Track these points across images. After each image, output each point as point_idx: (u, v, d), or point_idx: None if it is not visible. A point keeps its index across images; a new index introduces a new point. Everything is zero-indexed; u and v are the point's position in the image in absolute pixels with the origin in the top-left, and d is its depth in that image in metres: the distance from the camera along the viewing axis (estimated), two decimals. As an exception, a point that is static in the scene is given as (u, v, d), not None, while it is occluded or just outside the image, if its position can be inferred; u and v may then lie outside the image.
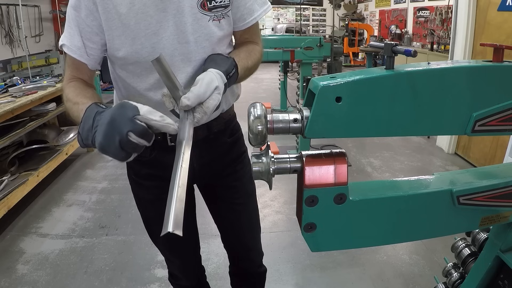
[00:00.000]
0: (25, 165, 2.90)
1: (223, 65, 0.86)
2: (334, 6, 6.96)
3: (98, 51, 0.92)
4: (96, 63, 0.95)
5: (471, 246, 1.03)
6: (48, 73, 3.86)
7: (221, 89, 0.81)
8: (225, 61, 0.88)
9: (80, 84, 0.93)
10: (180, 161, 0.66)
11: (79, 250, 2.27)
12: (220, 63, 0.87)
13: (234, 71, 0.89)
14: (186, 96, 0.75)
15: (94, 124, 0.70)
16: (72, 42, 0.90)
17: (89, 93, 0.89)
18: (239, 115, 1.17)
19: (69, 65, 0.95)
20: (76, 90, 0.89)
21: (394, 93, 0.60)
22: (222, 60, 0.89)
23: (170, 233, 0.57)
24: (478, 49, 3.40)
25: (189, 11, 0.89)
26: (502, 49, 0.65)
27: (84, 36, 0.89)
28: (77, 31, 0.89)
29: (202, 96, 0.76)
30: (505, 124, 0.66)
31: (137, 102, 1.00)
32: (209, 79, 0.79)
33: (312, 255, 2.16)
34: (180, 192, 0.62)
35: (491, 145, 3.22)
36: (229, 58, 0.90)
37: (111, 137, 0.65)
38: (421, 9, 7.40)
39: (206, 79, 0.78)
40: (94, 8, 0.86)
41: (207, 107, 0.77)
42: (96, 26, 0.88)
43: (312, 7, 11.85)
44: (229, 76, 0.86)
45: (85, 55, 0.91)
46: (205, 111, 0.77)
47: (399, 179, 0.75)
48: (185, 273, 1.30)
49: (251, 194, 1.24)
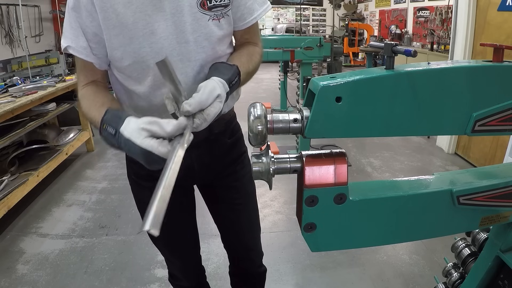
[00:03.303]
0: (25, 165, 2.90)
1: (227, 74, 0.86)
2: (334, 6, 6.96)
3: (102, 50, 0.92)
4: (103, 62, 0.94)
5: (471, 246, 1.03)
6: (48, 73, 3.86)
7: (223, 97, 0.81)
8: (229, 70, 0.88)
9: (91, 90, 0.93)
10: (170, 163, 0.66)
11: (79, 250, 2.27)
12: (223, 71, 0.87)
13: (237, 79, 0.89)
14: (187, 102, 0.75)
15: (124, 150, 0.77)
16: (78, 43, 0.89)
17: (100, 100, 0.89)
18: (239, 115, 1.17)
19: (80, 68, 0.95)
20: (89, 101, 0.90)
21: (394, 93, 0.60)
22: (225, 68, 0.89)
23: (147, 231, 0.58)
24: (478, 49, 3.40)
25: (189, 11, 0.88)
26: (502, 49, 0.65)
27: (86, 37, 0.89)
28: (80, 32, 0.88)
29: (204, 103, 0.77)
30: (505, 124, 0.66)
31: (136, 106, 1.00)
32: (212, 87, 0.79)
33: (312, 255, 2.16)
34: (165, 193, 0.62)
35: (491, 145, 3.22)
36: (233, 66, 0.90)
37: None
38: (421, 9, 7.41)
39: (208, 87, 0.79)
40: (93, 9, 0.86)
41: (207, 114, 0.78)
42: (95, 26, 0.88)
43: (312, 7, 11.85)
44: (232, 84, 0.86)
45: (91, 55, 0.91)
46: (205, 118, 0.78)
47: (399, 179, 0.75)
48: (185, 273, 1.30)
49: (251, 195, 1.24)
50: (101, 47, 0.91)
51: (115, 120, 0.77)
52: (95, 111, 0.85)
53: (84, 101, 0.91)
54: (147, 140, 0.71)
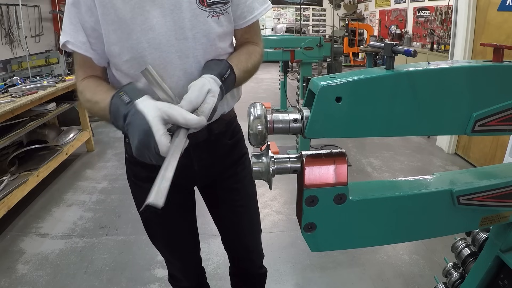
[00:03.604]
0: (25, 165, 2.90)
1: (216, 68, 0.87)
2: (334, 6, 6.96)
3: (101, 46, 0.91)
4: (102, 58, 0.94)
5: (471, 246, 1.03)
6: (48, 73, 3.86)
7: (216, 91, 0.81)
8: (218, 64, 0.89)
9: (93, 81, 0.93)
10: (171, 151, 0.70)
11: (79, 250, 2.28)
12: (212, 67, 0.88)
13: (229, 72, 0.89)
14: (179, 104, 0.76)
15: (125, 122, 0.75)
16: (77, 38, 0.89)
17: (104, 87, 0.90)
18: (239, 115, 1.17)
19: (79, 64, 0.95)
20: (92, 88, 0.90)
21: (394, 93, 0.60)
22: (215, 64, 0.90)
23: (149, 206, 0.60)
24: (478, 49, 3.40)
25: (188, 7, 0.88)
26: (502, 49, 0.65)
27: (86, 32, 0.89)
28: (80, 27, 0.88)
29: (195, 101, 0.77)
30: (505, 124, 0.66)
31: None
32: (201, 83, 0.80)
33: (312, 255, 2.16)
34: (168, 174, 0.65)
35: (491, 145, 3.22)
36: (222, 61, 0.91)
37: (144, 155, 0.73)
38: (421, 9, 7.40)
39: (197, 84, 0.80)
40: (92, 4, 0.86)
41: (202, 111, 0.78)
42: (95, 22, 0.88)
43: (312, 7, 11.85)
44: (224, 78, 0.86)
45: (90, 50, 0.91)
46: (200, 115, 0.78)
47: (399, 179, 0.75)
48: (185, 274, 1.30)
49: (252, 196, 1.23)
50: (100, 42, 0.91)
51: (135, 91, 0.77)
52: (103, 94, 0.85)
53: (87, 91, 0.90)
54: (159, 122, 0.70)
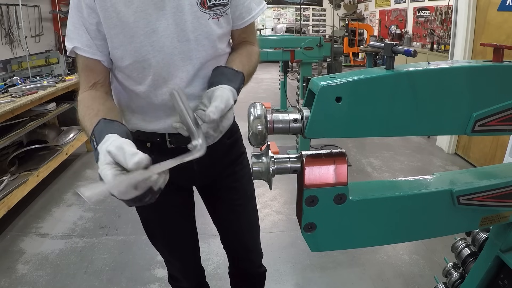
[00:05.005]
0: (25, 165, 2.89)
1: (236, 82, 0.88)
2: (334, 6, 6.96)
3: (107, 47, 0.91)
4: (109, 59, 0.94)
5: (471, 246, 1.03)
6: (48, 73, 3.85)
7: (233, 106, 0.83)
8: (237, 77, 0.90)
9: (87, 99, 0.88)
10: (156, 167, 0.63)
11: (79, 250, 2.27)
12: (231, 78, 0.88)
13: (242, 86, 0.91)
14: (211, 111, 0.76)
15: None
16: (83, 42, 0.89)
17: (93, 110, 0.83)
18: (239, 115, 1.17)
19: (82, 70, 0.92)
20: (83, 110, 0.85)
21: (394, 93, 0.60)
22: (233, 75, 0.90)
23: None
24: (478, 49, 3.40)
25: (189, 9, 0.89)
26: (502, 49, 0.65)
27: (90, 34, 0.89)
28: (84, 30, 0.88)
29: (223, 112, 0.78)
30: (505, 124, 0.66)
31: (135, 106, 1.00)
32: (227, 96, 0.81)
33: (312, 255, 2.16)
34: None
35: (491, 145, 3.22)
36: (239, 74, 0.91)
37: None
38: (421, 9, 7.40)
39: (225, 96, 0.80)
40: (94, 5, 0.86)
41: (222, 126, 0.80)
42: (98, 23, 0.88)
43: (312, 7, 11.85)
44: (238, 93, 0.89)
45: (98, 52, 0.90)
46: (221, 130, 0.80)
47: (399, 179, 0.75)
48: (185, 274, 1.30)
49: (250, 195, 1.24)
50: (104, 43, 0.91)
51: (102, 134, 0.71)
52: (88, 121, 0.81)
53: (81, 107, 0.87)
54: (106, 167, 0.62)
